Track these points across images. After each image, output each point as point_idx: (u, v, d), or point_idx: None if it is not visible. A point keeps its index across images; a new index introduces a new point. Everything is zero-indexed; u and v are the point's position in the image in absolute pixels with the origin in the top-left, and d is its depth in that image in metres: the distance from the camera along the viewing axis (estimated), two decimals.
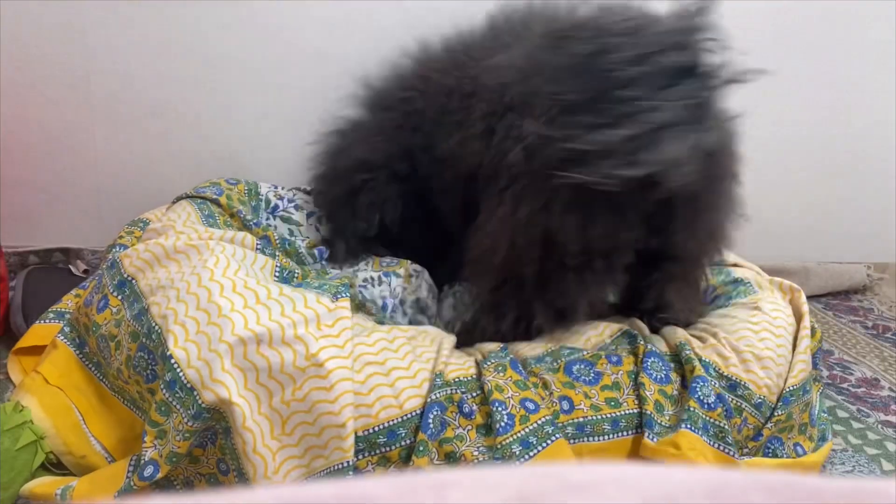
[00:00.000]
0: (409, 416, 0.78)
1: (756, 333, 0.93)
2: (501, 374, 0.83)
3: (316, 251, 1.14)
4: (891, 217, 1.67)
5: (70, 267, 1.34)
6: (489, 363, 0.85)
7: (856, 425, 1.12)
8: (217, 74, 1.30)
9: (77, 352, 0.93)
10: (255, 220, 1.10)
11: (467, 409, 0.80)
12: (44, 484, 0.81)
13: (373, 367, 0.80)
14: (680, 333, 0.93)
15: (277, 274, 0.93)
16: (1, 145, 1.27)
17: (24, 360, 1.02)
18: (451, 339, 0.90)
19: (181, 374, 0.76)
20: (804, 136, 1.58)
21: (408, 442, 0.78)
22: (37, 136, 1.28)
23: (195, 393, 0.75)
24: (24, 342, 1.01)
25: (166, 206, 1.18)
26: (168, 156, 1.34)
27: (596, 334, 0.94)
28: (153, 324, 0.82)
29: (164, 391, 0.77)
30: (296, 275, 0.95)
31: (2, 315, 1.14)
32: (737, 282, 1.07)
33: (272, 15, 1.28)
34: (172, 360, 0.76)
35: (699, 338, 0.94)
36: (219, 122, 1.34)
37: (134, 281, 0.89)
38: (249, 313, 0.78)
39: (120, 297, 0.89)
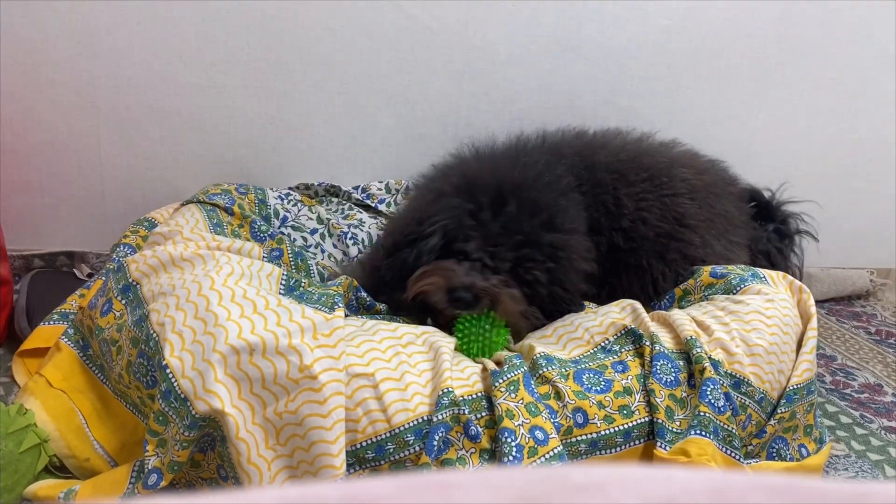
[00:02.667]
0: (397, 430, 0.77)
1: (768, 328, 0.92)
2: (513, 396, 0.81)
3: (325, 271, 1.15)
4: (893, 222, 1.67)
5: (74, 271, 1.34)
6: (501, 379, 0.83)
7: (859, 431, 1.12)
8: (222, 79, 1.31)
9: (81, 354, 0.93)
10: (270, 232, 1.11)
11: (473, 432, 0.78)
12: (47, 487, 0.81)
13: (361, 379, 0.78)
14: (689, 327, 0.92)
15: (284, 282, 0.93)
16: (6, 149, 1.28)
17: (29, 362, 1.02)
18: (450, 344, 0.88)
19: (175, 384, 0.75)
20: (806, 141, 1.58)
21: (398, 457, 0.77)
22: (42, 139, 1.29)
23: (188, 404, 0.74)
24: (28, 344, 1.02)
25: (173, 205, 1.19)
26: (173, 160, 1.35)
27: (599, 330, 0.94)
28: (151, 331, 0.81)
29: (161, 401, 0.76)
30: (302, 284, 0.95)
31: (6, 319, 1.14)
32: (753, 273, 1.04)
33: (276, 19, 1.28)
34: (168, 370, 0.76)
35: (704, 325, 0.93)
36: (223, 126, 1.34)
37: (139, 286, 0.89)
38: (245, 323, 0.77)
39: (124, 302, 0.89)
